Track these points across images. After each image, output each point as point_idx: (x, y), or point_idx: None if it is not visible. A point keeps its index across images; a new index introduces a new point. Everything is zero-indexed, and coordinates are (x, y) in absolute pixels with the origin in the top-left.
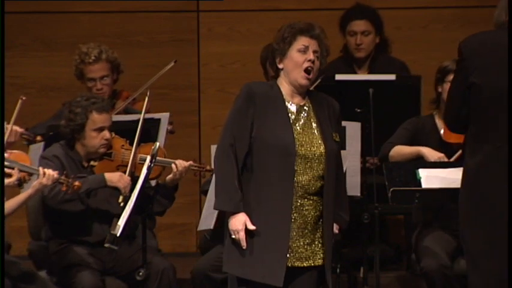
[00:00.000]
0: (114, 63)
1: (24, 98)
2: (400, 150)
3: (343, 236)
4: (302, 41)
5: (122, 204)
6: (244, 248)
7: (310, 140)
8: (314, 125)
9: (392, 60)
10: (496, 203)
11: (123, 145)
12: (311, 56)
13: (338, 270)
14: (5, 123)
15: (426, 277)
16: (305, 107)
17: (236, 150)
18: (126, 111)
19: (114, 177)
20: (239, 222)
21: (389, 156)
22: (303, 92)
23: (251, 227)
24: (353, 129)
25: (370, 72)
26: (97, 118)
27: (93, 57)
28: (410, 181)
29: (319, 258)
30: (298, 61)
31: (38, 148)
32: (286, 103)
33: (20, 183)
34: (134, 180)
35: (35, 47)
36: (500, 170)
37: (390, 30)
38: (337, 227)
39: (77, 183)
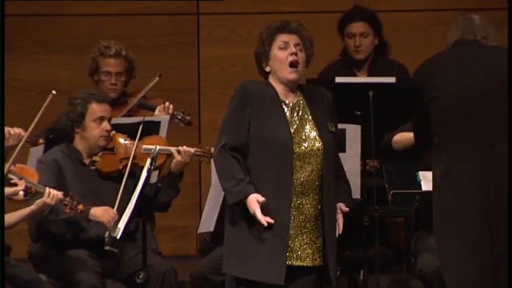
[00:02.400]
0: (131, 64)
1: (54, 93)
2: (406, 134)
3: (344, 238)
4: (281, 38)
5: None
6: (265, 225)
7: (306, 136)
8: (309, 120)
9: (391, 62)
10: (458, 209)
11: (124, 139)
12: (292, 49)
13: (338, 272)
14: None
15: (424, 279)
16: (299, 103)
17: (235, 150)
18: (140, 106)
19: (97, 212)
20: (252, 204)
21: (394, 141)
22: (295, 88)
23: (262, 199)
24: (353, 132)
25: (370, 74)
26: (97, 108)
27: (114, 51)
28: (410, 184)
29: (319, 258)
30: (281, 58)
31: (37, 151)
32: (281, 101)
33: (27, 194)
34: (135, 172)
35: (35, 50)
36: (462, 176)
37: (390, 32)
38: (345, 205)
39: (80, 206)
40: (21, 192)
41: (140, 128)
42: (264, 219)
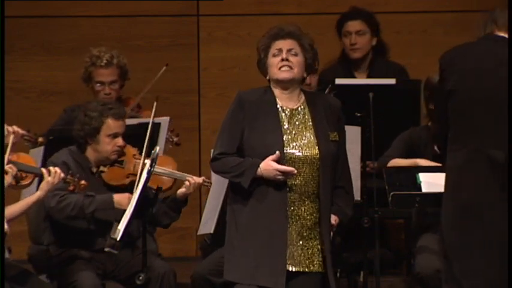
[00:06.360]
0: (123, 69)
1: None
2: (397, 164)
3: (344, 240)
4: (275, 46)
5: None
6: (295, 172)
7: (303, 143)
8: (310, 127)
9: (391, 64)
10: (480, 205)
11: (134, 154)
12: (284, 55)
13: (338, 274)
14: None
15: (422, 282)
16: (299, 110)
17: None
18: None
19: (123, 201)
20: (269, 166)
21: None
22: (295, 92)
23: (274, 156)
24: (353, 134)
25: (369, 76)
26: (112, 124)
27: (105, 61)
28: (410, 185)
29: (317, 264)
30: (273, 63)
31: (38, 152)
32: (279, 107)
33: (18, 181)
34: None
35: (35, 51)
36: (482, 172)
37: (390, 34)
38: (335, 219)
39: (83, 182)
40: (13, 180)
41: (145, 145)
42: (289, 169)
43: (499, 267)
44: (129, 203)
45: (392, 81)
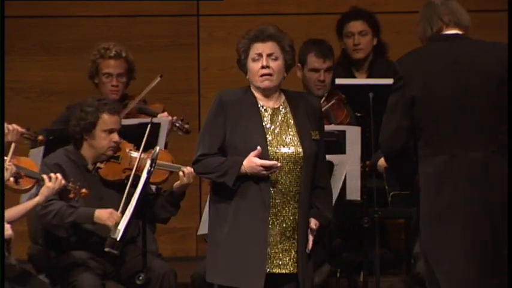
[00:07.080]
0: (131, 65)
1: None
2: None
3: (344, 240)
4: (255, 49)
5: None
6: (279, 165)
7: (286, 142)
8: (291, 126)
9: (391, 64)
10: (459, 207)
11: (130, 149)
12: (264, 62)
13: (338, 274)
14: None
15: (422, 282)
16: (281, 109)
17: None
18: (140, 111)
19: (103, 215)
20: (251, 162)
21: (378, 166)
22: (275, 93)
23: (257, 151)
24: (353, 134)
25: (369, 76)
26: (108, 119)
27: (114, 52)
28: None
29: (297, 266)
30: (253, 70)
31: (37, 152)
32: (260, 107)
33: (17, 179)
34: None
35: (35, 51)
36: (461, 175)
37: (390, 34)
38: (315, 223)
39: (84, 190)
40: (12, 179)
41: (144, 140)
42: (272, 162)
43: (481, 267)
44: (109, 218)
45: (392, 81)
